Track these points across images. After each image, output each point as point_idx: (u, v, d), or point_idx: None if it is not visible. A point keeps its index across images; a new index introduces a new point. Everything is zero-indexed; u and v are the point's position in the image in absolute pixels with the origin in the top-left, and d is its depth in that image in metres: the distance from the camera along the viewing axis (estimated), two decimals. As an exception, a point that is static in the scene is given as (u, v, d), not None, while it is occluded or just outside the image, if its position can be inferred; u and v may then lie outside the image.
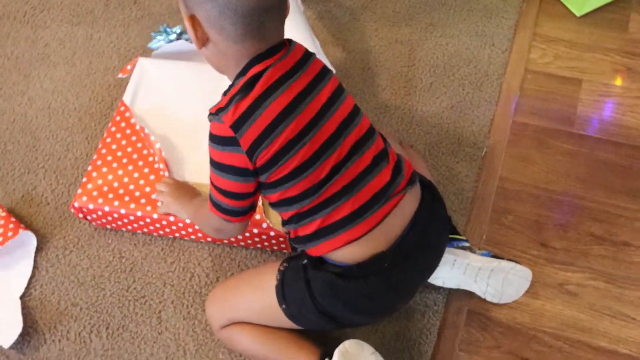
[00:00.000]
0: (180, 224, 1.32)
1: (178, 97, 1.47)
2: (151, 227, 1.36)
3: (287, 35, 1.03)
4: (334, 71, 1.11)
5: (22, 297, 1.34)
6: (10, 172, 1.52)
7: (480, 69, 1.63)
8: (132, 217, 1.33)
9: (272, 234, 1.28)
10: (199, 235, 1.34)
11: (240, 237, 1.33)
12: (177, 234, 1.37)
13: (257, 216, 1.27)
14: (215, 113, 0.98)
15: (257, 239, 1.32)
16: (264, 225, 1.27)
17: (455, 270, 1.20)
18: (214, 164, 1.01)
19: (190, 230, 1.33)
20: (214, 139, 0.99)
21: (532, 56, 1.66)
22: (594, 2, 1.70)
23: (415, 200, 1.09)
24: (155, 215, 1.31)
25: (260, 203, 1.28)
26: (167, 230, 1.36)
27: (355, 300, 1.06)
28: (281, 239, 1.30)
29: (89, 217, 1.38)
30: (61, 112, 1.62)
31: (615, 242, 1.36)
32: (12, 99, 1.65)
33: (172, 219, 1.30)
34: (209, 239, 1.36)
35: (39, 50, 1.74)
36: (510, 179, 1.46)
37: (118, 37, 1.75)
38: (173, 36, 1.57)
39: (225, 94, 1.00)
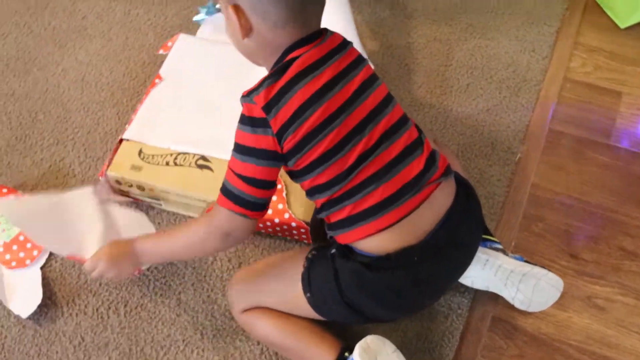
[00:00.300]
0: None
1: (214, 78, 1.46)
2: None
3: (329, 21, 1.03)
4: (369, 61, 1.09)
5: (42, 268, 1.33)
6: (40, 142, 1.52)
7: (518, 73, 1.60)
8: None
9: (293, 224, 1.27)
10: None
11: (261, 225, 1.31)
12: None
13: (280, 205, 1.26)
14: (247, 95, 0.97)
15: (278, 229, 1.31)
16: (286, 215, 1.25)
17: (486, 271, 1.18)
18: (240, 149, 0.98)
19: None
20: (245, 120, 0.97)
21: (572, 65, 1.63)
22: (638, 15, 1.67)
23: (448, 196, 1.06)
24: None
25: (283, 193, 1.27)
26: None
27: (381, 292, 1.04)
28: (302, 230, 1.29)
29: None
30: (94, 86, 1.61)
31: (647, 259, 1.33)
32: (46, 69, 1.64)
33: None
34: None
35: (77, 23, 1.73)
36: (542, 187, 1.43)
37: (156, 14, 1.74)
38: (215, 10, 1.62)
39: None
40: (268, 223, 1.29)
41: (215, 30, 1.64)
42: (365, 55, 1.34)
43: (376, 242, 1.03)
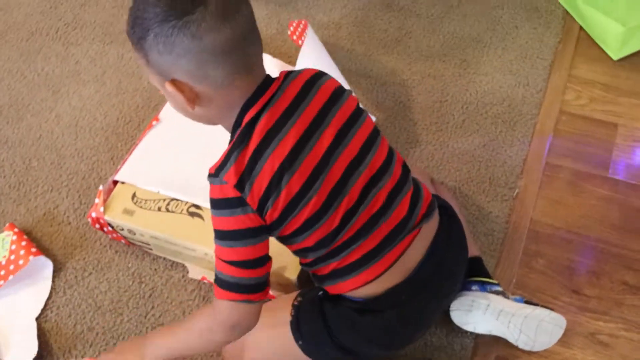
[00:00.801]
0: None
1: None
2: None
3: (304, 63, 1.00)
4: (351, 91, 1.02)
5: (37, 319, 1.31)
6: (34, 189, 1.50)
7: (514, 107, 1.60)
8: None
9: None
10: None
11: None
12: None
13: None
14: (215, 174, 0.90)
15: None
16: None
17: (487, 316, 1.16)
18: (223, 235, 0.92)
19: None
20: (219, 204, 0.91)
21: (567, 98, 1.63)
22: (631, 46, 1.67)
23: (432, 229, 1.05)
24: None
25: None
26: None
27: (372, 333, 1.04)
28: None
29: (105, 229, 1.36)
30: (88, 131, 1.60)
31: (650, 293, 1.31)
32: (39, 115, 1.64)
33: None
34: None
35: (70, 68, 1.73)
36: (542, 222, 1.42)
37: (149, 58, 1.74)
38: None
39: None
40: None
41: None
42: (345, 85, 1.33)
43: (364, 289, 1.01)
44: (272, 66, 1.63)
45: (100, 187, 1.33)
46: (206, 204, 1.31)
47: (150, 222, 1.31)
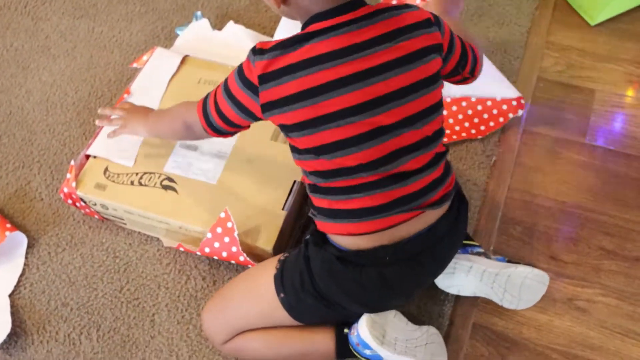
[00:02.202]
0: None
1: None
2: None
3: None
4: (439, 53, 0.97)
5: (11, 296, 1.29)
6: (4, 166, 1.48)
7: (490, 75, 1.58)
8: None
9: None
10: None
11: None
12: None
13: (233, 248, 1.21)
14: (257, 52, 0.94)
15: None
16: (241, 258, 1.22)
17: (470, 278, 1.15)
18: (227, 89, 1.00)
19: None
20: (241, 74, 0.96)
21: (545, 64, 1.61)
22: (608, 11, 1.66)
23: (437, 214, 1.04)
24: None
25: (235, 234, 1.20)
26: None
27: (349, 285, 1.02)
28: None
29: (77, 204, 1.34)
30: (59, 106, 1.57)
31: (627, 257, 1.31)
32: (9, 92, 1.60)
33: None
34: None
35: (39, 43, 1.70)
36: (519, 189, 1.41)
37: (120, 31, 1.71)
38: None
39: None
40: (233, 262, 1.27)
41: (193, 40, 1.61)
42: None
43: (349, 240, 1.01)
44: (245, 37, 1.61)
45: (72, 162, 1.31)
46: (181, 173, 1.30)
47: (123, 197, 1.29)
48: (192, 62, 1.48)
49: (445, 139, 1.42)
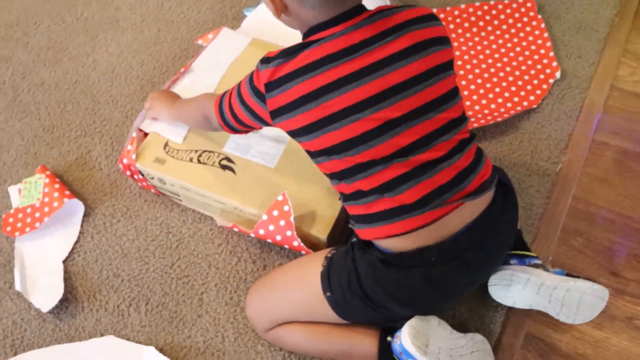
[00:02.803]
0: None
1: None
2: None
3: None
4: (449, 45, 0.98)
5: (64, 261, 1.31)
6: (67, 133, 1.50)
7: (563, 80, 1.53)
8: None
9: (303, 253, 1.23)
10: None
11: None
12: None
13: (288, 232, 1.19)
14: (265, 60, 0.96)
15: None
16: (295, 243, 1.20)
17: (527, 290, 1.12)
18: (239, 96, 1.02)
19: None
20: (251, 82, 0.99)
21: (620, 73, 1.55)
22: (692, 22, 1.59)
23: (481, 204, 1.00)
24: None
25: (291, 218, 1.19)
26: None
27: (395, 289, 1.00)
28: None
29: (135, 177, 1.34)
30: (124, 78, 1.58)
31: (694, 280, 1.25)
32: (77, 60, 1.62)
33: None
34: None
35: (109, 14, 1.71)
36: (584, 200, 1.36)
37: (189, 7, 1.71)
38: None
39: None
40: (286, 246, 1.25)
41: (260, 22, 1.60)
42: None
43: (391, 242, 0.99)
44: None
45: (134, 134, 1.31)
46: (240, 154, 1.29)
47: (181, 173, 1.29)
48: (257, 44, 1.47)
49: (497, 116, 1.43)
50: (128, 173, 1.35)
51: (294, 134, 0.98)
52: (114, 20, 1.70)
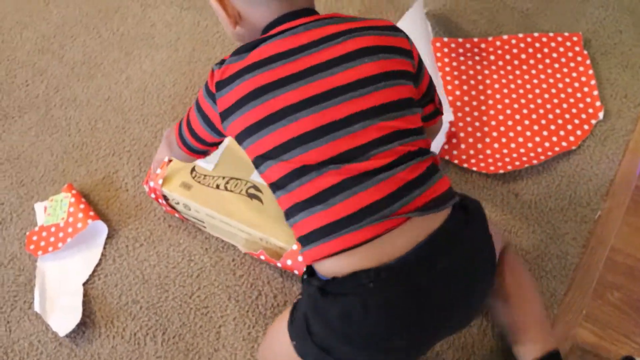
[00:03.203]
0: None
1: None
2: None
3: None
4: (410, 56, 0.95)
5: (85, 284, 1.30)
6: (96, 151, 1.49)
7: (607, 120, 1.46)
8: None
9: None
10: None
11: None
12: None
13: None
14: (220, 61, 0.94)
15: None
16: (289, 262, 1.18)
17: None
18: (197, 103, 1.00)
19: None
20: (206, 85, 0.96)
21: (669, 116, 1.48)
22: None
23: (434, 221, 0.88)
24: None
25: None
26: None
27: (331, 319, 0.89)
28: None
29: (160, 201, 1.32)
30: (156, 97, 1.57)
31: None
32: (110, 76, 1.61)
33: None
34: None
35: (145, 30, 1.70)
36: (623, 251, 1.30)
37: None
38: None
39: None
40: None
41: None
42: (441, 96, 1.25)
43: (326, 265, 0.90)
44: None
45: (165, 159, 1.29)
46: (266, 185, 1.26)
47: (207, 199, 1.26)
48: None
49: (533, 158, 1.37)
50: (153, 196, 1.33)
51: (240, 138, 0.94)
52: (150, 36, 1.68)
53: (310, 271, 0.96)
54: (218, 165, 1.30)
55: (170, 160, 1.31)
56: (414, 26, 1.54)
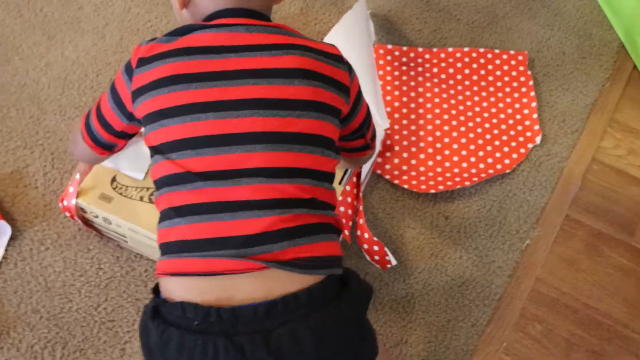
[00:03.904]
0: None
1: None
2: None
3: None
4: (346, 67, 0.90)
5: (-19, 290, 1.20)
6: (6, 142, 1.38)
7: (543, 145, 1.44)
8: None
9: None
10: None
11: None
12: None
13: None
14: (150, 39, 0.89)
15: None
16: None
17: None
18: (112, 82, 0.93)
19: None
20: (127, 61, 0.90)
21: (604, 144, 1.46)
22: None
23: (300, 282, 0.78)
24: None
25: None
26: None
27: (151, 347, 0.81)
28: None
29: (75, 219, 1.23)
30: (76, 87, 1.46)
31: (652, 387, 1.18)
32: (28, 60, 1.50)
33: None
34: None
35: (71, 13, 1.58)
36: (548, 283, 1.27)
37: (157, 16, 1.59)
38: None
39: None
40: None
41: None
42: (383, 112, 1.24)
43: (168, 284, 0.83)
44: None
45: (77, 176, 1.19)
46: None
47: (129, 213, 1.16)
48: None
49: (465, 179, 1.33)
50: (67, 214, 1.23)
51: (145, 121, 0.87)
52: (76, 20, 1.57)
53: (157, 287, 0.87)
54: (148, 175, 1.20)
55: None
56: (356, 26, 1.48)
